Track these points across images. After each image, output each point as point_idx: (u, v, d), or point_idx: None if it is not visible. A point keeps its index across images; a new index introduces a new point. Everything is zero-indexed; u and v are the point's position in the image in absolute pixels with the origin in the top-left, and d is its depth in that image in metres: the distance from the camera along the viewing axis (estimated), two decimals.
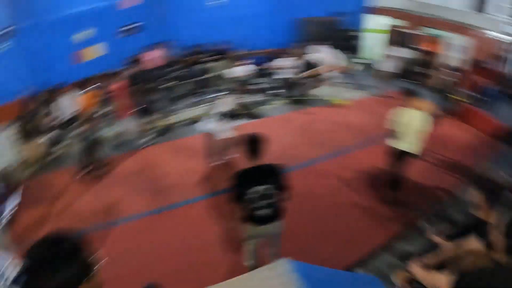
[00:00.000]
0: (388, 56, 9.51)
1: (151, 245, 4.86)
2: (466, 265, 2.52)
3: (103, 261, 1.43)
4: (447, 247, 2.84)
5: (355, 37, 13.42)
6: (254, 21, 11.99)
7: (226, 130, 5.97)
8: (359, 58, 12.54)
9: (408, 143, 5.07)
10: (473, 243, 2.59)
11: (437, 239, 3.19)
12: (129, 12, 10.10)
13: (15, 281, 1.26)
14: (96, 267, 1.40)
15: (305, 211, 5.22)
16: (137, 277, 4.04)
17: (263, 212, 3.38)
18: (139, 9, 10.22)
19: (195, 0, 11.05)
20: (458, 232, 2.97)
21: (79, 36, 9.57)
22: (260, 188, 3.25)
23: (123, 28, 10.12)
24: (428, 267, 2.67)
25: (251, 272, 2.53)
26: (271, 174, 3.32)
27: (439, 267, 2.67)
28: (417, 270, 2.61)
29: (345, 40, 13.04)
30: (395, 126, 5.05)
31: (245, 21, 11.80)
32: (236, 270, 4.09)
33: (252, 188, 3.25)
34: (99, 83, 7.53)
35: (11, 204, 5.75)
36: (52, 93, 8.18)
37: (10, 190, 6.06)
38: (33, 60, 9.18)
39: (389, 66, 9.63)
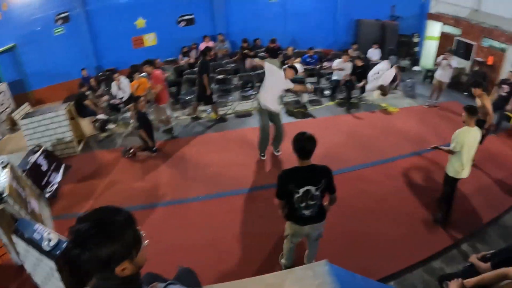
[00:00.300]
0: (440, 65, 8.89)
1: (185, 230, 4.91)
2: None
3: (147, 240, 1.45)
4: (488, 272, 2.70)
5: (415, 44, 12.91)
6: (310, 20, 11.88)
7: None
8: (417, 65, 12.01)
9: (469, 168, 4.67)
10: None
11: (478, 262, 3.07)
12: (185, 3, 10.22)
13: (66, 246, 1.40)
14: (143, 242, 1.43)
15: (345, 217, 5.03)
16: (172, 258, 4.13)
17: (308, 212, 3.32)
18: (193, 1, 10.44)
19: None
20: (502, 259, 2.82)
21: (138, 23, 9.87)
22: (312, 188, 3.17)
23: (180, 19, 10.27)
24: None
25: (290, 269, 2.59)
26: (322, 175, 3.21)
27: None
28: None
29: (405, 46, 12.61)
30: (457, 147, 4.49)
31: (301, 19, 11.73)
32: (269, 268, 4.04)
33: (303, 188, 3.16)
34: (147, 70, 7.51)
35: (59, 176, 6.12)
36: (109, 76, 8.51)
37: (59, 163, 6.42)
38: (89, 44, 9.61)
39: (441, 75, 9.01)
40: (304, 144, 3.08)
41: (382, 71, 8.58)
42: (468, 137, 4.44)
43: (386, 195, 5.66)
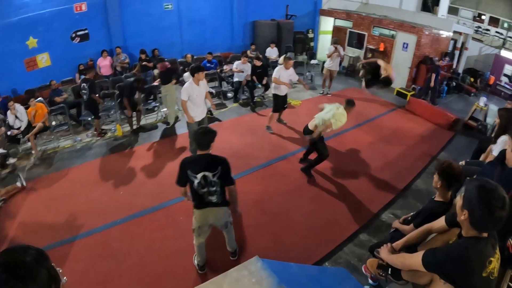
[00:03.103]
0: (332, 56, 9.97)
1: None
2: (433, 244, 2.62)
3: (65, 277, 1.37)
4: (413, 231, 2.93)
5: (311, 39, 13.90)
6: (207, 26, 12.16)
7: None
8: (314, 59, 12.91)
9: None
10: (439, 223, 2.66)
11: (401, 226, 3.34)
12: (77, 18, 9.90)
13: None
14: (62, 279, 1.34)
15: (267, 214, 5.34)
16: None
17: (214, 198, 3.68)
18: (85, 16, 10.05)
19: (144, 6, 10.93)
20: (423, 218, 3.05)
21: (30, 43, 9.28)
22: (209, 174, 3.55)
23: (73, 35, 9.90)
24: (396, 251, 2.82)
25: (225, 273, 2.56)
26: (218, 163, 3.61)
27: (411, 250, 2.79)
28: (386, 254, 2.73)
29: (301, 42, 13.52)
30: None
31: (197, 25, 11.95)
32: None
33: (200, 173, 3.53)
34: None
35: None
36: (5, 104, 7.87)
37: None
38: None
39: (331, 65, 10.13)
40: (200, 137, 3.55)
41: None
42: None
43: (301, 185, 6.09)
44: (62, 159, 7.28)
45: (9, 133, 7.36)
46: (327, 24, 13.87)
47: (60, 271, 1.35)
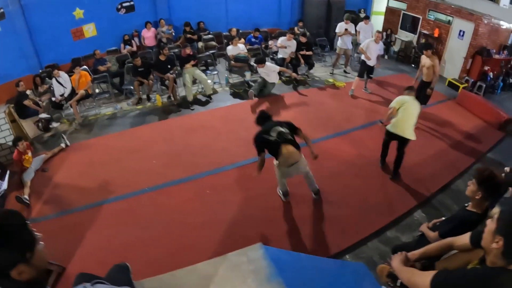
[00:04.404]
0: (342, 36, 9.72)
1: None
2: (452, 262, 2.37)
3: (42, 242, 1.41)
4: (432, 244, 2.56)
5: (362, 19, 13.12)
6: (254, 1, 11.76)
7: None
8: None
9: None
10: (463, 240, 2.31)
11: (427, 231, 3.00)
12: None
13: None
14: (38, 244, 1.39)
15: (293, 198, 5.06)
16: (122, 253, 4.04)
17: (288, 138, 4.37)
18: None
19: None
20: (450, 228, 2.76)
21: (76, 14, 9.46)
22: (280, 128, 4.38)
23: (119, 6, 9.94)
24: (410, 261, 2.41)
25: (224, 256, 2.53)
26: (283, 123, 4.54)
27: (428, 262, 2.51)
28: (397, 264, 2.33)
29: (352, 22, 12.76)
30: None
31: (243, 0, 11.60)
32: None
33: (273, 131, 4.34)
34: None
35: (5, 184, 5.54)
36: (49, 72, 8.10)
37: (4, 170, 5.81)
38: (28, 41, 9.11)
39: (343, 43, 9.82)
40: (260, 118, 4.67)
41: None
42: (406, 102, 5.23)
43: (340, 169, 5.78)
44: (102, 126, 7.39)
45: (53, 99, 7.52)
46: (380, 4, 13.00)
47: (40, 236, 1.42)
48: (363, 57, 8.15)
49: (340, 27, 9.66)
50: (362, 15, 13.02)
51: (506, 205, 1.64)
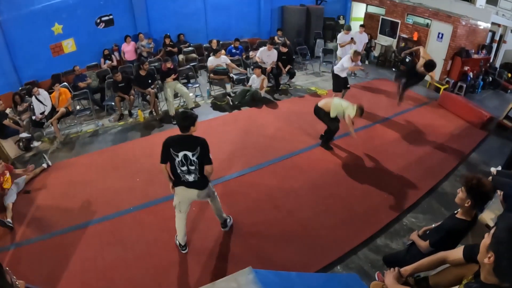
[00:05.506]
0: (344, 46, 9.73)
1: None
2: (444, 277, 2.39)
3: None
4: (425, 259, 2.54)
5: (341, 26, 13.31)
6: (234, 11, 11.82)
7: None
8: None
9: None
10: (456, 254, 2.32)
11: (418, 240, 3.04)
12: (102, 4, 9.87)
13: None
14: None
15: (279, 212, 5.06)
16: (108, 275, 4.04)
17: (191, 178, 3.87)
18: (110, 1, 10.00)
19: None
20: (440, 237, 2.79)
21: (55, 29, 9.37)
22: (189, 153, 3.72)
23: (98, 20, 9.89)
24: (403, 277, 2.48)
25: (213, 283, 2.43)
26: (197, 144, 3.74)
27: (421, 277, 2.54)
28: (391, 282, 2.40)
29: (331, 29, 12.95)
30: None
31: (223, 12, 11.64)
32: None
33: (181, 152, 3.72)
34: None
35: None
36: (29, 89, 7.98)
37: None
38: (6, 57, 8.95)
39: (343, 53, 9.67)
40: (180, 120, 3.73)
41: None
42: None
43: (317, 181, 5.74)
44: (83, 143, 7.29)
45: (33, 117, 7.44)
46: (359, 10, 13.23)
47: (14, 278, 1.40)
48: (336, 71, 8.00)
49: (341, 38, 9.70)
50: (342, 21, 13.26)
51: (504, 221, 1.68)
